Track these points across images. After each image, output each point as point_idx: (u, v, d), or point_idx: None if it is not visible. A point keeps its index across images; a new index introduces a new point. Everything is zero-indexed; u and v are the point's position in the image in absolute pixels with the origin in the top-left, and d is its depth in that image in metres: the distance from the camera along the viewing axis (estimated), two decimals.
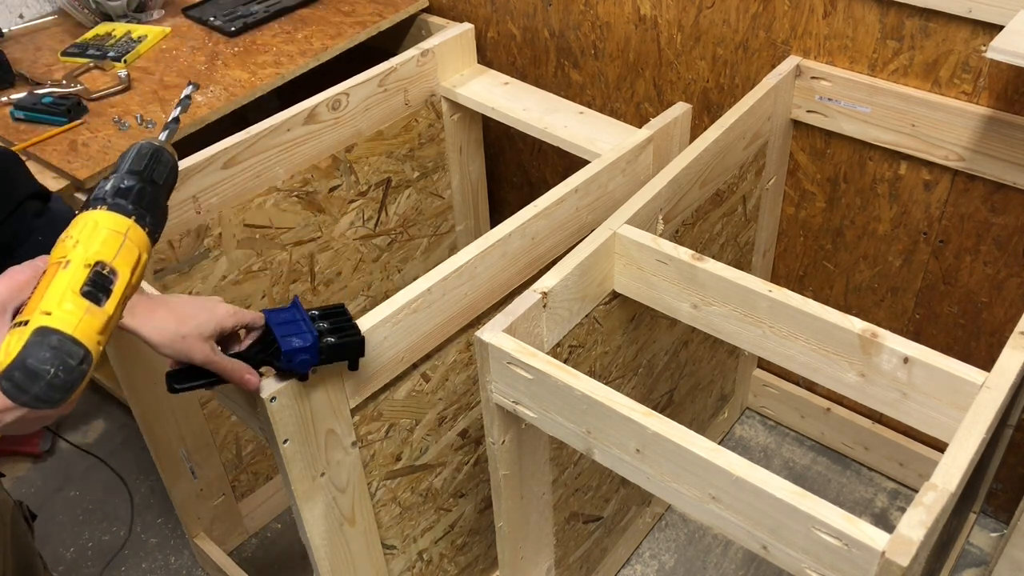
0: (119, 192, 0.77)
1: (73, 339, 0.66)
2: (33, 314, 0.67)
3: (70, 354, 0.65)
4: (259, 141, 1.51)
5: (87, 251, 0.71)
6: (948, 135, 1.42)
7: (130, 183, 0.78)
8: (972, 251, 1.53)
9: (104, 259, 0.71)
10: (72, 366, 0.65)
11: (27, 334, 0.65)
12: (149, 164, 0.81)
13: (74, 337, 0.66)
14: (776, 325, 1.15)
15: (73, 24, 1.89)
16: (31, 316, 0.66)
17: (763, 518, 0.91)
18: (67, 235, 0.73)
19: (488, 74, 1.82)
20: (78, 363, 0.65)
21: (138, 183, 0.78)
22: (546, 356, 1.06)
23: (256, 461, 1.81)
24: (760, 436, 1.98)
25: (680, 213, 1.37)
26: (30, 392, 0.64)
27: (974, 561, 1.73)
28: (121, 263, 0.72)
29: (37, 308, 0.67)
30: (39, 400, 0.64)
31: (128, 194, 0.77)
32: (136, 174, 0.79)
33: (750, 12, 1.54)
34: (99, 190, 0.77)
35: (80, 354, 0.66)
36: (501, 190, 2.22)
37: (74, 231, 0.73)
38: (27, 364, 0.64)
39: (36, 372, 0.64)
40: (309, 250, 1.71)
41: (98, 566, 1.84)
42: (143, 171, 0.80)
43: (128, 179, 0.78)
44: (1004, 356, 1.01)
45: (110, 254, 0.72)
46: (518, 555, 1.34)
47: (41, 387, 0.64)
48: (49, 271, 0.70)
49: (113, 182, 0.78)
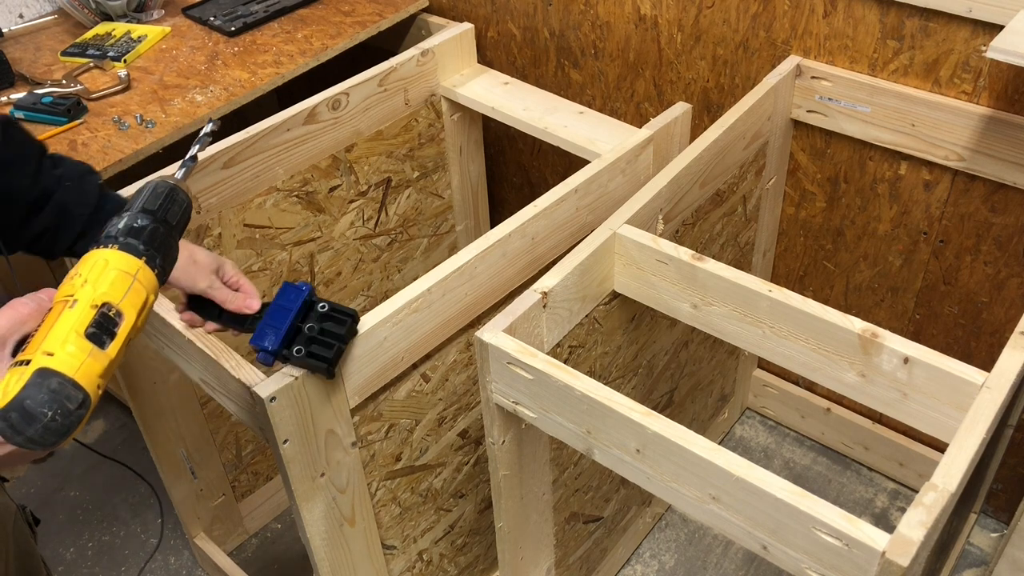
0: (131, 231, 0.76)
1: (73, 382, 0.65)
2: (35, 354, 0.66)
3: (69, 398, 0.64)
4: (259, 141, 1.51)
5: (95, 291, 0.70)
6: (948, 135, 1.42)
7: (143, 223, 0.78)
8: (972, 251, 1.53)
9: (111, 300, 0.71)
10: (70, 410, 0.64)
11: (27, 374, 0.64)
12: (164, 204, 0.81)
13: (75, 380, 0.65)
14: (776, 325, 1.15)
15: (73, 24, 1.89)
16: (33, 356, 0.66)
17: (763, 518, 0.91)
18: (76, 272, 0.72)
19: (488, 74, 1.82)
20: (76, 407, 0.65)
21: (151, 223, 0.78)
22: (546, 356, 1.06)
23: (256, 461, 1.81)
24: (760, 436, 1.98)
25: (680, 213, 1.37)
26: (24, 434, 0.63)
27: (974, 561, 1.73)
28: (128, 305, 0.72)
29: (40, 348, 0.66)
30: (32, 442, 0.64)
31: (140, 234, 0.76)
32: (150, 213, 0.79)
33: (750, 12, 1.54)
34: (111, 227, 0.77)
35: (79, 398, 0.65)
36: (501, 190, 2.22)
37: (83, 269, 0.72)
38: (25, 405, 0.63)
39: (33, 415, 0.63)
40: (309, 250, 1.71)
41: (98, 566, 1.84)
42: (157, 211, 0.80)
43: (141, 218, 0.78)
44: (1004, 356, 1.01)
45: (118, 295, 0.71)
46: (518, 555, 1.34)
47: (37, 430, 0.63)
48: (55, 309, 0.69)
49: (126, 221, 0.77)
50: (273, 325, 0.99)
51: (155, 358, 1.48)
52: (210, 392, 1.19)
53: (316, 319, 1.01)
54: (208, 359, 1.12)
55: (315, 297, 1.02)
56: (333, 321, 1.02)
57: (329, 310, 1.02)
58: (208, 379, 1.17)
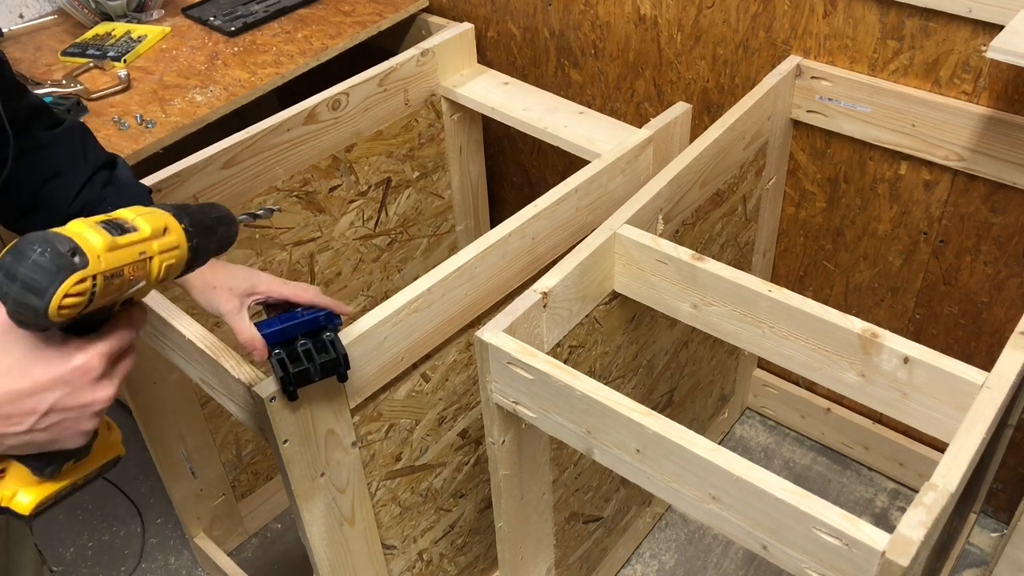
0: (179, 206, 0.77)
1: (67, 236, 0.63)
2: None
3: (60, 241, 0.63)
4: (259, 141, 1.51)
5: (122, 213, 0.70)
6: (948, 135, 1.42)
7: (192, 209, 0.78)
8: (972, 251, 1.53)
9: (125, 217, 0.70)
10: (60, 252, 0.62)
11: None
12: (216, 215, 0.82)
13: (68, 236, 0.63)
14: (776, 325, 1.15)
15: (73, 24, 1.89)
16: None
17: (763, 518, 0.91)
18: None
19: (488, 74, 1.82)
20: (67, 251, 0.62)
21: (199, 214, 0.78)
22: (546, 356, 1.06)
23: (256, 461, 1.81)
24: (760, 436, 1.98)
25: (680, 213, 1.37)
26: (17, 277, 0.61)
27: (974, 561, 1.73)
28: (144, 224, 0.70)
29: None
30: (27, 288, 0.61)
31: (185, 209, 0.77)
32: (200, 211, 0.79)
33: (750, 12, 1.54)
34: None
35: (70, 245, 0.63)
36: (501, 190, 2.22)
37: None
38: (17, 246, 0.62)
39: (23, 252, 0.61)
40: (309, 250, 1.71)
41: (98, 566, 1.84)
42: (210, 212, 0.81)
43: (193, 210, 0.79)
44: (1004, 356, 1.01)
45: (142, 219, 0.70)
46: (518, 555, 1.34)
47: (27, 267, 0.61)
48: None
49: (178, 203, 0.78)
50: (282, 321, 1.01)
51: (155, 358, 1.48)
52: (210, 392, 1.19)
53: (314, 342, 1.01)
54: (208, 359, 1.12)
55: (330, 327, 1.02)
56: (325, 353, 1.01)
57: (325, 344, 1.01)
58: (208, 379, 1.17)
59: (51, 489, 0.70)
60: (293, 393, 1.02)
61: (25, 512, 0.69)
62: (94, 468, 0.74)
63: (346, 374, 1.03)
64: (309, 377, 1.00)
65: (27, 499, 0.69)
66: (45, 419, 0.66)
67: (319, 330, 1.01)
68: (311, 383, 1.02)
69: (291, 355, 1.00)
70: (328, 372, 1.01)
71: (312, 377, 1.00)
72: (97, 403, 0.68)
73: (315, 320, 1.01)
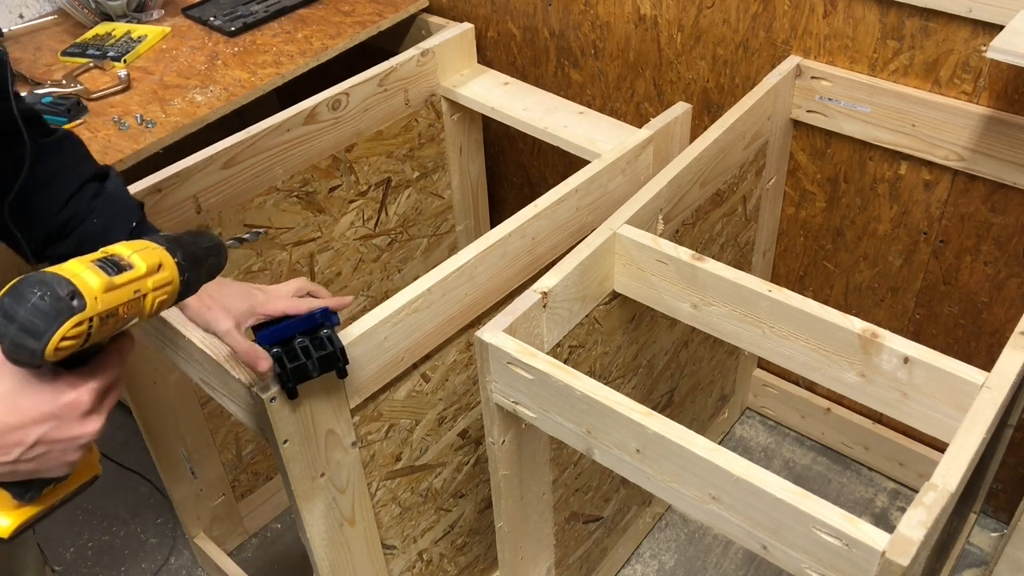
0: (170, 238, 0.77)
1: (65, 278, 0.64)
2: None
3: (59, 284, 0.63)
4: (259, 141, 1.51)
5: (118, 249, 0.71)
6: (948, 135, 1.42)
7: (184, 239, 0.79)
8: (972, 251, 1.53)
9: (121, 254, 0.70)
10: (59, 295, 0.63)
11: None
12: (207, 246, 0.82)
13: (67, 278, 0.64)
14: (776, 325, 1.15)
15: (73, 24, 1.89)
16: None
17: (763, 518, 0.91)
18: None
19: (488, 74, 1.82)
20: (66, 295, 0.63)
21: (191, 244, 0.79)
22: (546, 356, 1.06)
23: (256, 461, 1.81)
24: (760, 436, 1.98)
25: (680, 213, 1.37)
26: (16, 319, 0.62)
27: (974, 561, 1.73)
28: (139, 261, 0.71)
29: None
30: (25, 331, 0.62)
31: (179, 241, 0.77)
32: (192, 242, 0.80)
33: (750, 12, 1.54)
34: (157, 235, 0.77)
35: (70, 288, 0.63)
36: (501, 190, 2.22)
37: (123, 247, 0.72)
38: (16, 287, 0.63)
39: (22, 294, 0.62)
40: (309, 250, 1.71)
41: (98, 566, 1.84)
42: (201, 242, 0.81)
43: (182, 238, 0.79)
44: (1004, 356, 1.01)
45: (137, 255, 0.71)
46: (518, 555, 1.34)
47: (26, 309, 0.61)
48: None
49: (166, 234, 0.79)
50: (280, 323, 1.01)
51: (155, 358, 1.48)
52: (210, 392, 1.19)
53: (311, 339, 1.01)
54: (208, 359, 1.12)
55: (327, 325, 1.02)
56: (322, 348, 1.01)
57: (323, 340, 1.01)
58: (208, 379, 1.17)
59: (30, 512, 0.72)
60: (293, 390, 1.02)
61: (4, 535, 0.71)
62: (72, 489, 0.76)
63: (345, 369, 1.03)
64: (307, 373, 1.00)
65: (6, 522, 0.71)
66: (32, 451, 0.67)
67: (316, 327, 1.02)
68: (310, 379, 1.02)
69: (289, 353, 1.00)
70: (326, 367, 1.01)
71: (311, 373, 1.00)
72: (84, 436, 0.69)
73: (311, 318, 1.01)
